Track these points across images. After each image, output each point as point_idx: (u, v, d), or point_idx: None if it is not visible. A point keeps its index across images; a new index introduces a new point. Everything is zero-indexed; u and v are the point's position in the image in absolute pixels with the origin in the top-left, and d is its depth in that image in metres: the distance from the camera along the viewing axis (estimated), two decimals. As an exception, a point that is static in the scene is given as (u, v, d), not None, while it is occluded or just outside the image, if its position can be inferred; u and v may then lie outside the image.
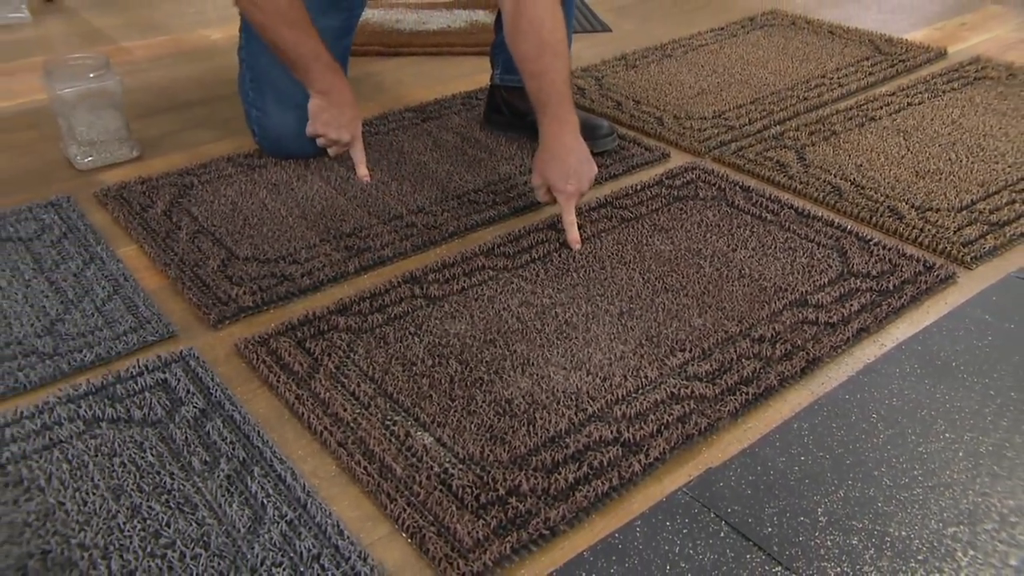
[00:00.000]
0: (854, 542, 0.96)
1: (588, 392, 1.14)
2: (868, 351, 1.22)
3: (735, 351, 1.21)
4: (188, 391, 1.14)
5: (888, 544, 0.95)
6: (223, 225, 1.48)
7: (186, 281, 1.34)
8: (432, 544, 0.94)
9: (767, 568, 0.93)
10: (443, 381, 1.16)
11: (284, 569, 0.91)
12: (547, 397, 1.13)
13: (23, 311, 1.29)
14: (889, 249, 1.42)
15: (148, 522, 0.96)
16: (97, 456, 1.05)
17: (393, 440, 1.07)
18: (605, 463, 1.04)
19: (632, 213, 1.55)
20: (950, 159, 1.70)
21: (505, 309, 1.30)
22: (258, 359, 1.19)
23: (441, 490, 1.00)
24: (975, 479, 1.03)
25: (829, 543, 0.95)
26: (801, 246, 1.45)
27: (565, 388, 1.15)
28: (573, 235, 1.44)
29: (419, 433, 1.08)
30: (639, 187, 1.64)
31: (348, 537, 0.94)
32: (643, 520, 0.98)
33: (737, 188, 1.61)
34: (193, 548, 0.93)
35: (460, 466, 1.03)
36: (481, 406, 1.12)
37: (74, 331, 1.25)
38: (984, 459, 1.06)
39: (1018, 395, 1.15)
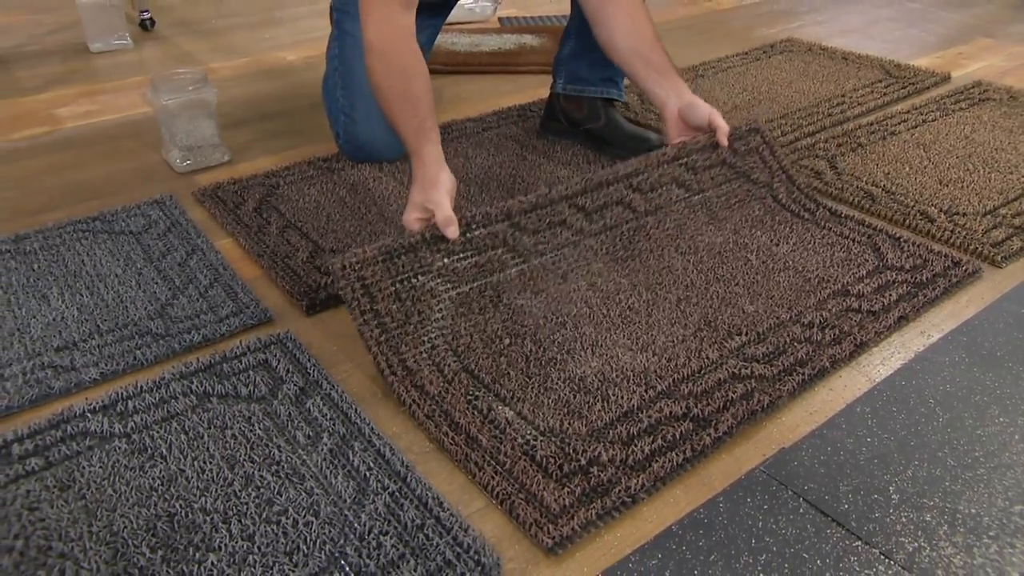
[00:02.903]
0: (927, 519, 0.88)
1: (655, 371, 1.07)
2: (917, 342, 1.14)
3: (788, 336, 1.14)
4: (288, 371, 1.07)
5: (960, 521, 0.88)
6: (308, 221, 1.41)
7: (278, 271, 1.27)
8: (522, 510, 0.87)
9: (847, 543, 0.85)
10: (519, 360, 1.09)
11: (391, 537, 0.84)
12: (617, 375, 1.06)
13: (137, 296, 1.22)
14: (918, 246, 1.34)
15: (261, 490, 0.89)
16: (211, 428, 0.98)
17: (476, 414, 1.00)
18: (678, 436, 0.97)
19: (692, 195, 1.40)
20: (968, 169, 1.62)
21: (575, 291, 1.22)
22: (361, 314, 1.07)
23: (525, 460, 0.93)
24: (1031, 461, 0.95)
25: (904, 519, 0.88)
26: (838, 242, 1.36)
27: (633, 367, 1.08)
28: (724, 137, 1.37)
29: (500, 407, 1.01)
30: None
31: (448, 509, 0.87)
32: (725, 496, 0.90)
33: (779, 187, 1.51)
34: (304, 516, 0.86)
35: (541, 438, 0.96)
36: (556, 383, 1.05)
37: (182, 314, 1.18)
38: (1037, 442, 0.98)
39: (1060, 383, 1.07)
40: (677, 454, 0.95)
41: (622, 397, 1.03)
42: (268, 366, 1.08)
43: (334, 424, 0.98)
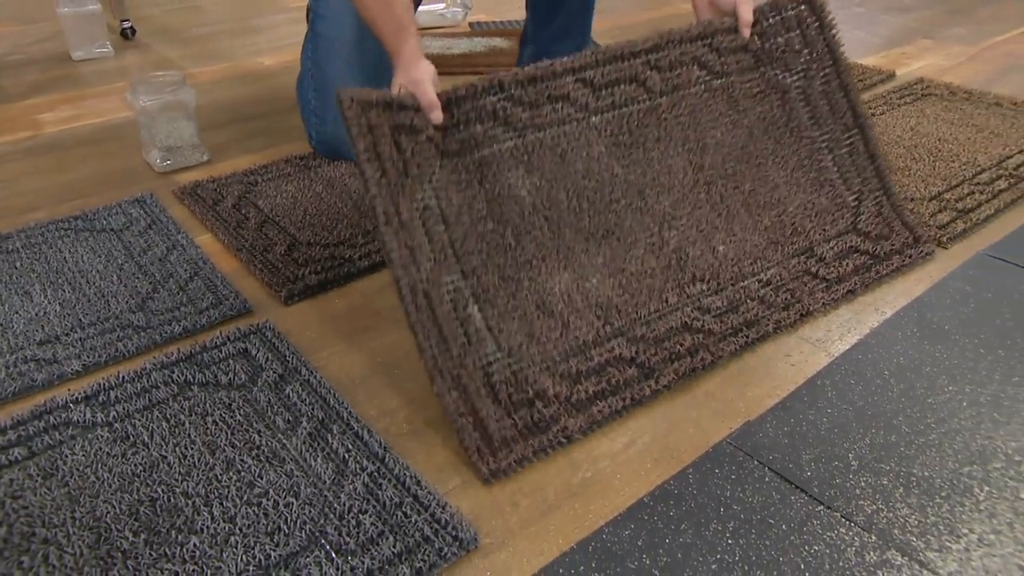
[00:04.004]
0: (884, 482, 0.87)
1: (617, 305, 1.05)
2: (872, 318, 1.13)
3: (744, 292, 1.12)
4: (267, 359, 1.04)
5: (914, 483, 0.87)
6: (286, 216, 1.37)
7: (257, 264, 1.24)
8: (467, 436, 0.88)
9: (810, 508, 0.84)
10: (498, 253, 1.01)
11: (370, 516, 0.81)
12: (581, 301, 1.03)
13: (118, 291, 1.18)
14: (890, 217, 1.28)
15: (242, 474, 0.86)
16: (192, 415, 0.95)
17: (453, 309, 0.95)
18: (621, 382, 0.97)
19: (714, 78, 1.22)
20: (915, 158, 1.62)
21: (570, 176, 1.09)
22: None
23: (483, 380, 0.93)
24: (980, 425, 0.95)
25: (863, 484, 0.87)
26: (829, 182, 1.26)
27: (598, 296, 1.04)
28: (746, 29, 1.22)
29: (474, 309, 0.96)
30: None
31: (426, 487, 0.85)
32: (694, 468, 0.89)
33: (815, 76, 1.30)
34: (285, 497, 0.84)
35: (500, 359, 0.95)
36: (526, 294, 1.01)
37: (163, 307, 1.15)
38: (985, 408, 0.97)
39: (1005, 352, 1.06)
40: (617, 400, 0.94)
41: (580, 328, 1.01)
42: (247, 355, 1.05)
43: (313, 409, 0.95)
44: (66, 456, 0.89)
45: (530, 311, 1.00)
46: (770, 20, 1.25)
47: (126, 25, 2.43)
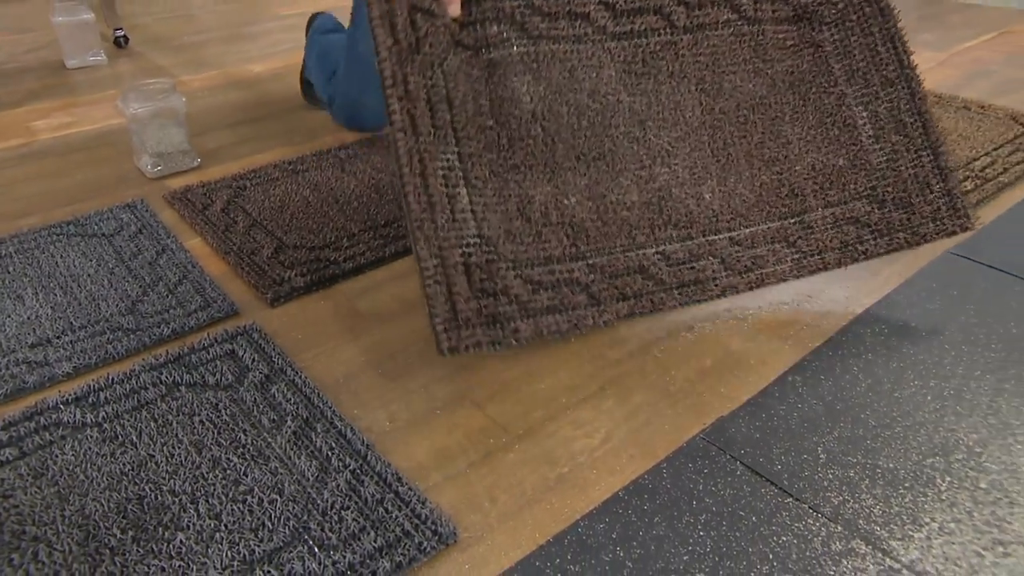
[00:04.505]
0: (851, 474, 0.88)
1: (588, 230, 1.04)
2: (842, 316, 1.14)
3: (712, 246, 1.08)
4: (253, 360, 1.04)
5: (879, 475, 0.88)
6: (273, 219, 1.37)
7: (244, 266, 1.24)
8: (440, 308, 0.92)
9: (779, 500, 0.85)
10: (492, 150, 1.01)
11: (352, 512, 0.82)
12: (556, 217, 1.03)
13: (109, 294, 1.18)
14: (929, 181, 1.17)
15: (228, 472, 0.87)
16: (179, 415, 0.95)
17: (444, 185, 0.96)
18: (571, 305, 1.00)
19: (744, 23, 1.16)
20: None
21: (575, 93, 1.06)
22: None
23: (461, 259, 0.95)
24: (943, 418, 0.95)
25: (831, 476, 0.87)
26: (850, 145, 1.15)
27: (572, 217, 1.04)
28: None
29: (464, 191, 0.97)
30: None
31: (407, 484, 0.85)
32: (667, 463, 0.89)
33: (852, 29, 1.20)
34: (269, 494, 0.84)
35: (479, 244, 0.97)
36: (510, 195, 1.01)
37: (152, 310, 1.15)
38: (948, 401, 0.98)
39: (968, 348, 1.07)
40: (563, 321, 0.99)
41: (550, 241, 1.02)
42: (234, 356, 1.05)
43: (297, 408, 0.96)
44: (56, 456, 0.89)
45: (511, 211, 1.00)
46: None
47: (119, 34, 2.43)
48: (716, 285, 1.08)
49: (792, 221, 1.13)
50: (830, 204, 1.15)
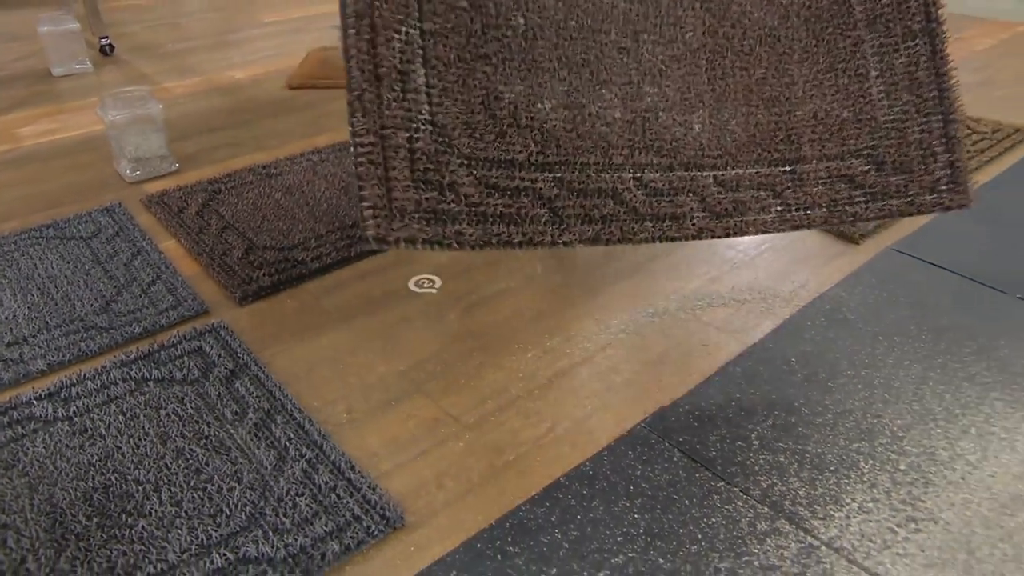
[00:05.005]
0: (781, 459, 0.91)
1: (559, 139, 0.92)
2: (784, 310, 1.17)
3: (693, 182, 0.98)
4: (219, 356, 1.07)
5: (807, 459, 0.91)
6: (245, 221, 1.40)
7: (215, 267, 1.26)
8: (370, 191, 0.81)
9: (712, 484, 0.88)
10: (463, 28, 0.89)
11: (305, 498, 0.84)
12: (526, 119, 0.91)
13: (84, 294, 1.21)
14: (933, 150, 1.07)
15: (190, 461, 0.89)
16: (146, 409, 0.97)
17: (396, 53, 0.84)
18: (527, 217, 0.89)
19: None
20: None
21: None
22: None
23: (404, 140, 0.83)
24: (871, 405, 0.99)
25: (762, 461, 0.91)
26: (861, 97, 1.05)
27: (544, 122, 0.92)
28: None
29: (419, 67, 0.85)
30: None
31: (359, 471, 0.88)
32: (609, 451, 0.93)
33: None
34: (229, 482, 0.87)
35: (429, 129, 0.85)
36: (477, 82, 0.89)
37: (125, 309, 1.17)
38: (877, 389, 1.01)
39: (900, 338, 1.11)
40: (517, 232, 0.88)
41: (514, 144, 0.90)
42: (202, 352, 1.07)
43: (259, 401, 0.98)
44: (27, 448, 0.92)
45: (474, 103, 0.89)
46: None
47: (105, 42, 2.44)
48: (692, 224, 0.97)
49: (783, 169, 1.03)
50: (826, 157, 1.05)
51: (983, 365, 1.04)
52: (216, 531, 0.81)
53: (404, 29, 0.85)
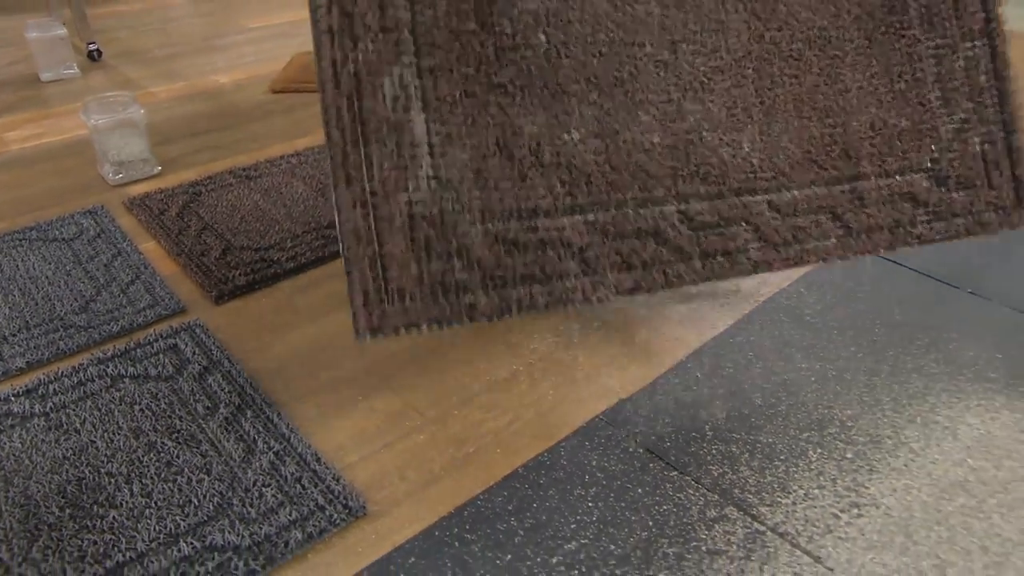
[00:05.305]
0: (733, 449, 0.94)
1: (592, 176, 0.82)
2: (746, 304, 1.20)
3: (744, 210, 0.89)
4: (194, 353, 1.09)
5: (759, 449, 0.93)
6: (224, 223, 1.42)
7: (193, 267, 1.29)
8: (359, 280, 0.71)
9: (665, 473, 0.90)
10: (471, 57, 0.78)
11: (272, 489, 0.87)
12: (550, 156, 0.81)
13: (64, 294, 1.23)
14: (997, 162, 1.01)
15: (162, 454, 0.92)
16: (121, 405, 1.00)
17: (391, 104, 0.74)
18: (556, 273, 0.79)
19: None
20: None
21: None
22: None
23: (403, 213, 0.73)
24: (823, 396, 1.02)
25: (714, 451, 0.93)
26: (924, 102, 0.96)
27: (573, 157, 0.81)
28: None
29: (418, 115, 0.75)
30: None
31: (324, 463, 0.90)
32: (566, 442, 0.95)
33: None
34: (198, 474, 0.89)
35: (432, 187, 0.74)
36: (491, 120, 0.78)
37: (104, 309, 1.19)
38: (830, 381, 1.04)
39: (854, 333, 1.13)
40: (542, 294, 0.79)
41: (537, 188, 0.80)
42: (176, 349, 1.10)
43: (231, 396, 1.01)
44: (4, 443, 0.94)
45: (487, 145, 0.78)
46: None
47: (92, 47, 2.46)
48: (747, 260, 0.88)
49: (842, 188, 0.94)
50: (887, 173, 0.96)
51: (932, 357, 1.07)
52: (184, 521, 0.83)
53: (396, 71, 0.74)
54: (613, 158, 0.84)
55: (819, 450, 0.93)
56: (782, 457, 0.92)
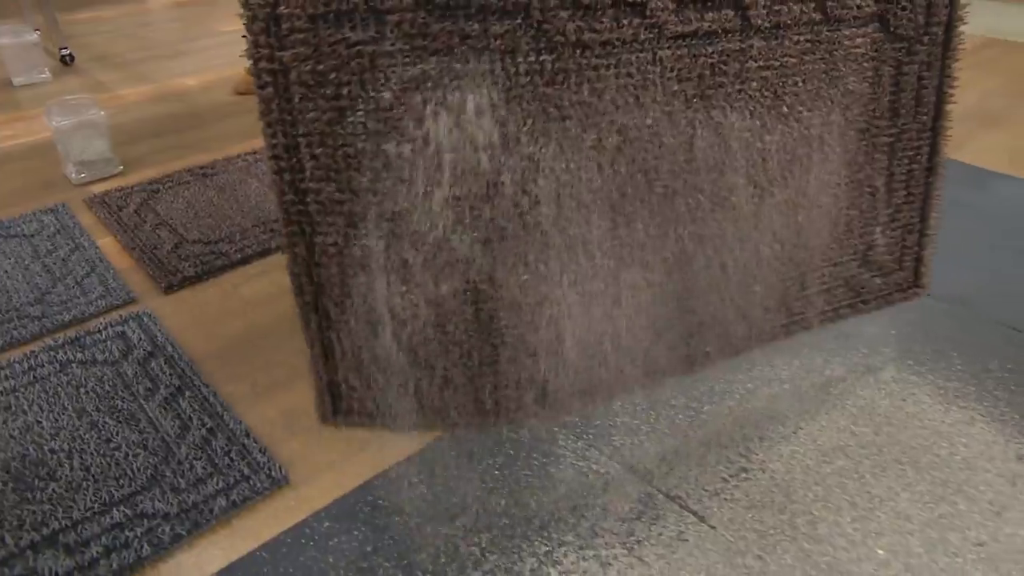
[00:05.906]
0: (637, 423, 0.99)
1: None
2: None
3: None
4: (140, 339, 1.14)
5: (663, 421, 0.99)
6: (179, 218, 1.47)
7: (146, 260, 1.34)
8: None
9: (572, 444, 0.96)
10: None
11: (202, 461, 0.92)
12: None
13: (21, 287, 1.28)
14: (911, 250, 1.04)
15: (102, 432, 0.97)
16: (68, 388, 1.05)
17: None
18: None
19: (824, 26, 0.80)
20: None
21: (593, 148, 0.75)
22: None
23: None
24: (721, 371, 1.07)
25: (619, 424, 0.99)
26: (872, 192, 0.93)
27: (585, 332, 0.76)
28: None
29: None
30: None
31: (253, 438, 0.96)
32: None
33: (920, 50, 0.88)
34: (135, 449, 0.94)
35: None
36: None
37: (58, 300, 1.24)
38: (737, 359, 1.10)
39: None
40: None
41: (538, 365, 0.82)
42: (124, 336, 1.15)
43: (171, 379, 1.06)
44: (-45, 425, 0.99)
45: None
46: None
47: (65, 52, 2.51)
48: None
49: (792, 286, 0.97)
50: (831, 263, 0.98)
51: (831, 335, 1.13)
52: (119, 491, 0.89)
53: (362, 243, 0.66)
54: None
55: (716, 420, 0.99)
56: (682, 429, 0.98)
